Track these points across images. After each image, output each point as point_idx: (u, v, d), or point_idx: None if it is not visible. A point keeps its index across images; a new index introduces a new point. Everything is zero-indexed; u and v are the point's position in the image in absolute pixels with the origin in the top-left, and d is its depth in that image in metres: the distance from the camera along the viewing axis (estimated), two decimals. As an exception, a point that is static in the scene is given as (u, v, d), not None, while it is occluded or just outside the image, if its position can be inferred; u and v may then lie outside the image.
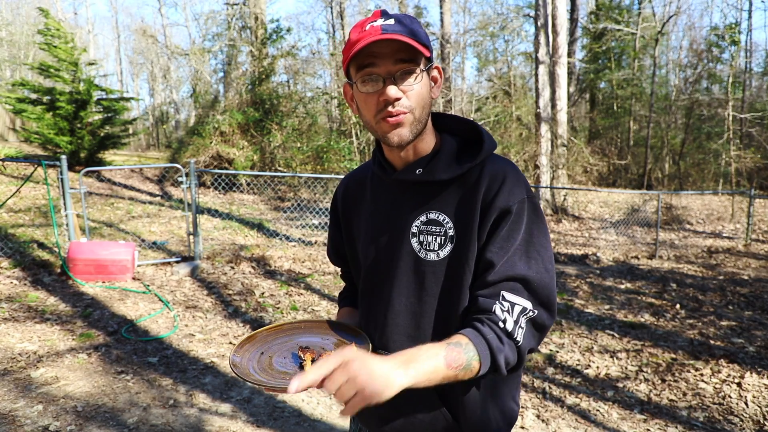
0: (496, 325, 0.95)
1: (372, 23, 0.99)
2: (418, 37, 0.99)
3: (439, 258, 1.05)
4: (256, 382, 0.93)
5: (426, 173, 1.06)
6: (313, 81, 16.27)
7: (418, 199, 1.08)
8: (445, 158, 1.07)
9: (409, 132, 1.02)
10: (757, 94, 22.26)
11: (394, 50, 0.97)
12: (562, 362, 4.05)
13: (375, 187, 1.17)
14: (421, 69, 1.00)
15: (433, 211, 1.06)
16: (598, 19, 20.18)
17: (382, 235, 1.12)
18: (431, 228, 1.06)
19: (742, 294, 6.12)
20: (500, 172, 1.04)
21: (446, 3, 18.01)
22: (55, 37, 10.86)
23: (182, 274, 5.89)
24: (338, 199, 1.27)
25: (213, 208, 9.68)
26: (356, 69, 1.01)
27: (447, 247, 1.05)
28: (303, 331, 1.15)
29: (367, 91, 1.00)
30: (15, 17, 28.74)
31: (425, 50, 0.99)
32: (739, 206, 12.79)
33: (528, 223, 1.02)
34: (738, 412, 3.27)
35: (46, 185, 6.50)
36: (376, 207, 1.15)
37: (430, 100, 1.05)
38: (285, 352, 1.07)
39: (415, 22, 1.02)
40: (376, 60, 0.98)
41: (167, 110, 32.53)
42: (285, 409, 3.20)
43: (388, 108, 0.99)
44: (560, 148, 12.12)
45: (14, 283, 5.13)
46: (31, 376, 3.40)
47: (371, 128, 1.05)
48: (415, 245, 1.07)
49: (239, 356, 1.03)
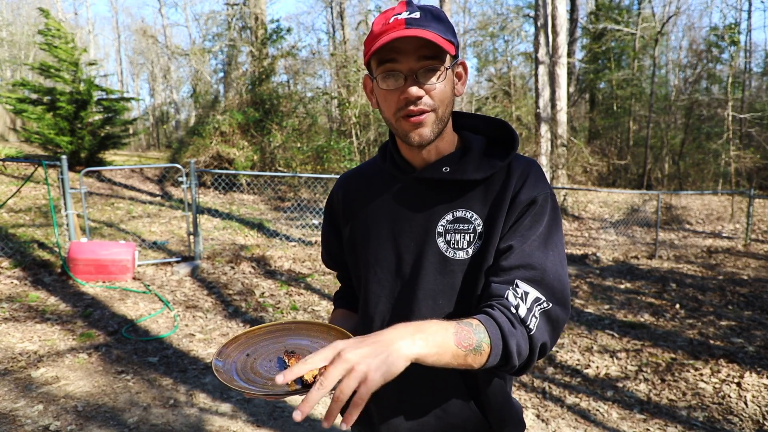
0: (508, 311, 0.89)
1: (396, 15, 0.94)
2: (444, 33, 0.94)
3: (468, 256, 1.01)
4: (240, 389, 0.87)
5: (455, 172, 1.02)
6: (313, 81, 16.29)
7: (443, 197, 1.04)
8: (476, 157, 1.03)
9: (431, 132, 0.98)
10: (756, 94, 22.26)
11: (417, 46, 0.92)
12: (561, 362, 4.06)
13: (388, 187, 1.11)
14: (445, 67, 0.96)
15: (460, 209, 1.02)
16: (597, 19, 20.18)
17: (402, 236, 1.07)
18: (459, 226, 1.01)
19: (741, 294, 6.13)
20: (527, 167, 1.02)
21: (446, 3, 18.01)
22: (56, 37, 10.86)
23: (182, 274, 5.90)
24: (337, 199, 1.20)
25: (213, 208, 9.69)
26: (377, 63, 0.96)
27: (477, 244, 1.01)
28: (292, 333, 1.09)
29: (388, 88, 0.96)
30: (15, 17, 28.76)
31: (450, 47, 0.95)
32: (739, 206, 12.80)
33: (549, 216, 0.99)
34: (737, 411, 3.28)
35: (46, 185, 6.51)
36: (392, 207, 1.09)
37: (453, 97, 1.01)
38: (271, 356, 1.01)
39: (442, 15, 0.97)
40: (399, 56, 0.93)
41: (167, 110, 32.53)
42: (285, 409, 3.21)
43: (410, 107, 0.95)
44: (560, 148, 12.13)
45: (15, 283, 5.13)
46: (32, 376, 3.41)
47: (391, 125, 1.02)
48: (442, 245, 1.02)
49: (222, 360, 0.96)
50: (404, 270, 1.06)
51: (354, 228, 1.15)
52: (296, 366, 0.73)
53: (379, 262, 1.10)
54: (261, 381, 0.92)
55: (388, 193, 1.10)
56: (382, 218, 1.10)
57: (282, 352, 1.01)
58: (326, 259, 1.30)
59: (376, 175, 1.15)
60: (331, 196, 1.23)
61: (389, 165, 1.11)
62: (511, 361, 0.87)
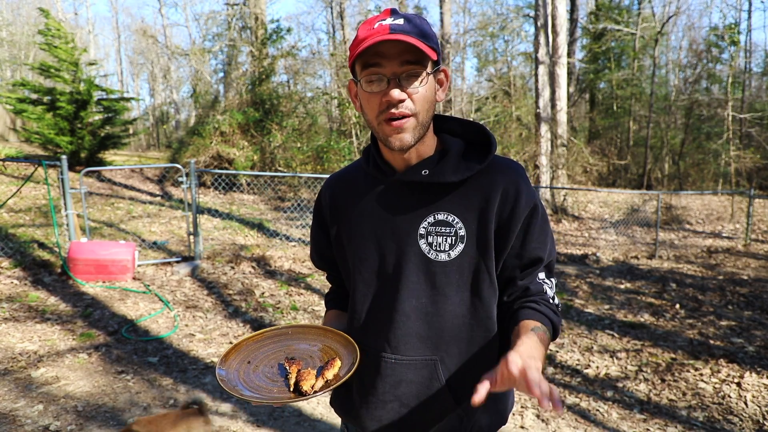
0: (551, 302, 1.08)
1: (381, 21, 0.98)
2: (427, 39, 0.98)
3: (450, 258, 1.05)
4: (244, 398, 0.93)
5: (433, 175, 1.05)
6: (313, 81, 16.27)
7: (424, 200, 1.07)
8: (453, 160, 1.07)
9: (412, 136, 1.01)
10: (756, 94, 22.26)
11: (400, 51, 0.96)
12: (561, 362, 4.06)
13: (371, 189, 1.14)
14: (427, 72, 0.99)
15: (441, 212, 1.06)
16: (597, 19, 20.17)
17: (384, 237, 1.10)
18: (441, 229, 1.05)
19: (741, 294, 6.13)
20: (514, 174, 1.09)
21: (446, 3, 18.02)
22: (56, 37, 10.86)
23: (182, 274, 5.90)
24: (324, 201, 1.23)
25: (213, 208, 9.69)
26: (362, 67, 1.00)
27: (458, 247, 1.05)
28: (289, 337, 1.14)
29: (372, 91, 0.99)
30: (15, 17, 28.75)
31: (432, 53, 0.98)
32: (739, 206, 12.80)
33: (545, 213, 1.12)
34: (737, 411, 3.28)
35: (46, 185, 6.51)
36: (375, 209, 1.12)
37: (434, 103, 1.04)
38: (272, 362, 1.07)
39: (425, 23, 1.00)
40: (382, 60, 0.97)
41: (167, 110, 32.52)
42: (285, 410, 3.21)
43: (391, 109, 0.98)
44: (560, 148, 12.13)
45: (15, 283, 5.13)
46: (32, 376, 3.41)
47: (373, 128, 1.05)
48: (424, 246, 1.06)
49: (225, 369, 1.01)
50: (387, 270, 1.11)
51: (340, 229, 1.19)
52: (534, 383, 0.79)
53: (363, 262, 1.14)
54: (265, 388, 0.98)
55: (371, 194, 1.14)
56: (366, 219, 1.13)
57: (283, 359, 1.07)
58: (316, 259, 1.32)
59: (360, 177, 1.18)
60: (318, 197, 1.26)
61: (372, 168, 1.14)
62: (557, 336, 1.08)
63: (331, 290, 1.38)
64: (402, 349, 1.08)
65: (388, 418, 1.11)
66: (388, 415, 1.11)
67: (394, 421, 1.12)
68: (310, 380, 0.97)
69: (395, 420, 1.11)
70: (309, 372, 0.99)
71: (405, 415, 1.10)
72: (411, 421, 1.11)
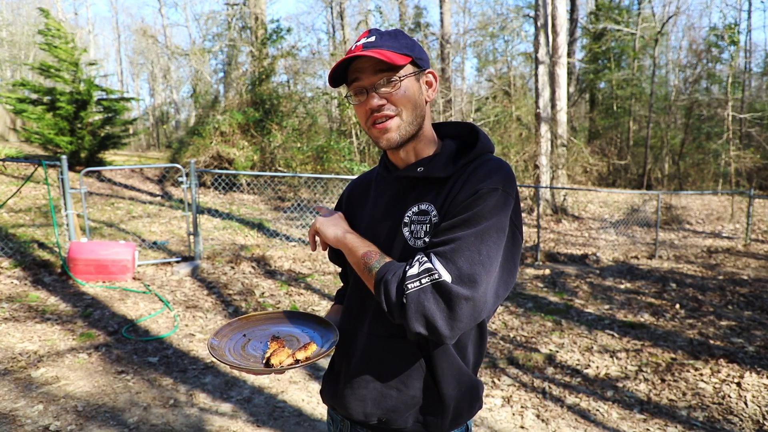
0: (402, 269, 1.04)
1: (358, 42, 1.14)
2: (399, 49, 1.11)
3: (425, 245, 1.12)
4: (228, 363, 1.07)
5: (426, 171, 1.17)
6: (313, 81, 16.25)
7: (414, 193, 1.18)
8: (444, 158, 1.17)
9: (398, 134, 1.14)
10: (756, 94, 22.27)
11: (373, 63, 1.10)
12: (561, 362, 4.06)
13: (378, 186, 1.29)
14: (399, 77, 1.11)
15: (424, 203, 1.15)
16: (597, 19, 20.18)
17: (379, 226, 1.22)
18: (420, 218, 1.14)
19: (741, 294, 6.13)
20: (486, 164, 1.12)
21: (446, 3, 18.03)
22: (56, 37, 10.86)
23: (182, 274, 5.90)
24: (343, 199, 1.41)
25: (213, 208, 9.69)
26: (348, 84, 1.16)
27: (431, 234, 1.12)
28: (284, 321, 1.29)
29: (358, 102, 1.15)
30: (15, 17, 28.75)
31: (402, 58, 1.10)
32: (739, 206, 12.81)
33: (489, 207, 1.04)
34: (737, 411, 3.28)
35: (46, 185, 6.51)
36: (378, 202, 1.26)
37: (422, 103, 1.16)
38: (263, 338, 1.21)
39: (399, 35, 1.14)
40: (360, 74, 1.12)
41: (167, 110, 32.53)
42: (285, 409, 3.21)
43: (374, 114, 1.12)
44: (560, 148, 12.13)
45: (15, 283, 5.13)
46: (32, 376, 3.41)
47: (367, 134, 1.21)
48: (406, 234, 1.16)
49: (218, 339, 1.16)
50: None
51: (350, 220, 1.33)
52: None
53: None
54: (245, 357, 1.13)
55: (376, 190, 1.29)
56: (368, 212, 1.28)
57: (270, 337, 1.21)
58: (331, 254, 1.43)
59: (373, 178, 1.35)
60: (339, 198, 1.44)
61: (381, 167, 1.30)
62: (379, 298, 1.05)
63: (342, 288, 1.49)
64: (377, 331, 1.18)
65: (371, 397, 1.19)
66: (371, 395, 1.18)
67: (376, 398, 1.18)
68: (280, 356, 1.08)
69: (377, 397, 1.18)
70: (284, 350, 1.11)
71: (386, 396, 1.17)
72: (390, 396, 1.18)
